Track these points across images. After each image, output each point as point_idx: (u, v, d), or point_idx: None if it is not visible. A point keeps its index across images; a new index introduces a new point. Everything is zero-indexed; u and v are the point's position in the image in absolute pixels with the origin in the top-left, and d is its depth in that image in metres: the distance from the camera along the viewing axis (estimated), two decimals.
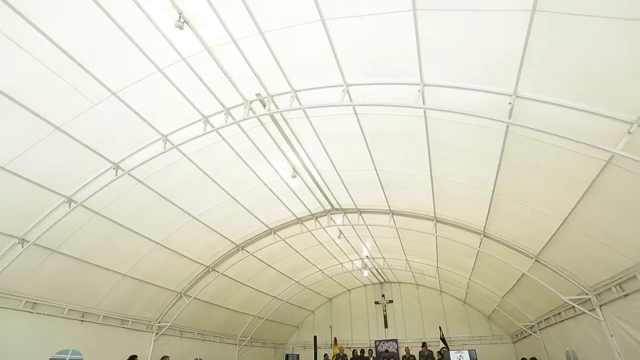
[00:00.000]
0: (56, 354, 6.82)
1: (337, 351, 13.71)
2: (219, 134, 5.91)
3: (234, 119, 5.42)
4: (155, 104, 5.19)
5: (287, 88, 5.07)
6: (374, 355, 13.66)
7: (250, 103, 5.28)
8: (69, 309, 7.09)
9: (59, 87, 4.39)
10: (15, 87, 4.22)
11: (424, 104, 4.49)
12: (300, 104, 5.24)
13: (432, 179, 6.46)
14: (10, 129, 4.57)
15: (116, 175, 5.68)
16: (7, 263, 5.62)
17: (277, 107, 5.34)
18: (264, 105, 5.29)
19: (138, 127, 5.35)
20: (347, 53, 4.40)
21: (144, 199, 6.67)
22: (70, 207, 5.73)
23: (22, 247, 5.68)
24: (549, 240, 6.11)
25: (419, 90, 4.35)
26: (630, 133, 3.39)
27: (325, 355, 13.88)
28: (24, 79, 4.20)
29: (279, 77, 4.90)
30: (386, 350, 13.69)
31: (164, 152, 5.51)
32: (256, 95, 5.20)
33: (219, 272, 9.72)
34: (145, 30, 4.13)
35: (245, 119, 5.18)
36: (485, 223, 7.11)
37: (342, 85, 4.78)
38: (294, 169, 6.99)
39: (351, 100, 4.90)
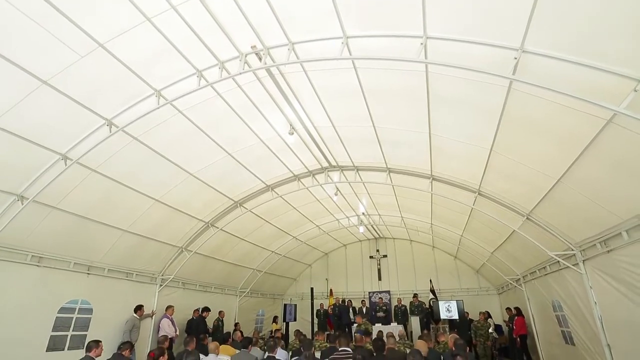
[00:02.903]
0: (66, 303, 7.17)
1: (333, 302, 14.53)
2: (213, 88, 5.72)
3: (228, 73, 5.22)
4: (146, 57, 4.94)
5: (284, 40, 4.83)
6: (367, 305, 14.50)
7: (246, 56, 5.07)
8: (74, 263, 7.32)
9: (42, 39, 4.13)
10: None
11: (425, 58, 4.32)
12: (298, 57, 5.03)
13: (430, 136, 6.42)
14: None
15: (110, 132, 5.57)
16: (9, 219, 5.69)
17: (273, 60, 5.13)
18: (260, 59, 5.08)
19: (129, 81, 5.15)
20: (347, 1, 4.13)
21: (140, 156, 6.62)
22: (66, 165, 5.68)
23: (22, 204, 5.72)
24: (541, 199, 6.24)
25: (422, 44, 4.16)
26: (636, 91, 3.31)
27: (322, 305, 14.69)
28: (4, 30, 3.94)
29: (276, 28, 4.64)
30: (380, 299, 14.51)
31: (157, 108, 5.35)
32: (251, 47, 4.97)
33: (218, 227, 9.95)
34: None
35: (240, 73, 4.99)
36: (481, 181, 7.19)
37: (341, 38, 4.56)
38: (291, 125, 6.88)
39: (350, 54, 4.70)
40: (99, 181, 6.52)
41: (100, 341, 5.49)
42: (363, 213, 12.51)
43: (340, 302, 14.02)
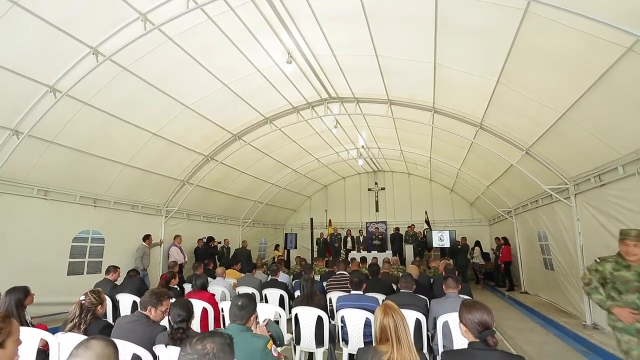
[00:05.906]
0: (79, 233, 7.54)
1: (332, 231, 15.30)
2: (203, 11, 5.25)
3: None
4: None
5: None
6: (364, 235, 15.30)
7: None
8: (80, 196, 7.53)
9: None
10: None
11: None
12: None
13: (435, 66, 6.09)
14: None
15: (97, 61, 5.26)
16: (8, 154, 5.69)
17: None
18: None
19: (110, 3, 4.70)
20: None
21: (133, 87, 6.35)
22: (55, 97, 5.48)
23: (18, 139, 5.66)
24: (543, 134, 6.16)
25: None
26: None
27: (321, 234, 15.49)
28: None
29: None
30: (376, 228, 15.29)
31: (145, 34, 4.97)
32: None
33: (217, 161, 10.02)
34: None
35: None
36: (484, 115, 7.03)
37: None
38: (289, 53, 6.48)
39: None
40: (93, 114, 6.36)
41: (119, 268, 5.96)
42: (362, 146, 12.48)
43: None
